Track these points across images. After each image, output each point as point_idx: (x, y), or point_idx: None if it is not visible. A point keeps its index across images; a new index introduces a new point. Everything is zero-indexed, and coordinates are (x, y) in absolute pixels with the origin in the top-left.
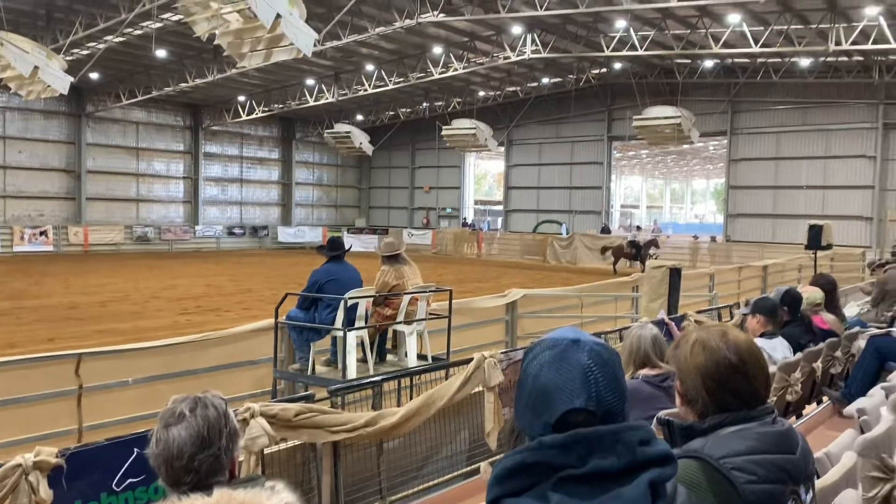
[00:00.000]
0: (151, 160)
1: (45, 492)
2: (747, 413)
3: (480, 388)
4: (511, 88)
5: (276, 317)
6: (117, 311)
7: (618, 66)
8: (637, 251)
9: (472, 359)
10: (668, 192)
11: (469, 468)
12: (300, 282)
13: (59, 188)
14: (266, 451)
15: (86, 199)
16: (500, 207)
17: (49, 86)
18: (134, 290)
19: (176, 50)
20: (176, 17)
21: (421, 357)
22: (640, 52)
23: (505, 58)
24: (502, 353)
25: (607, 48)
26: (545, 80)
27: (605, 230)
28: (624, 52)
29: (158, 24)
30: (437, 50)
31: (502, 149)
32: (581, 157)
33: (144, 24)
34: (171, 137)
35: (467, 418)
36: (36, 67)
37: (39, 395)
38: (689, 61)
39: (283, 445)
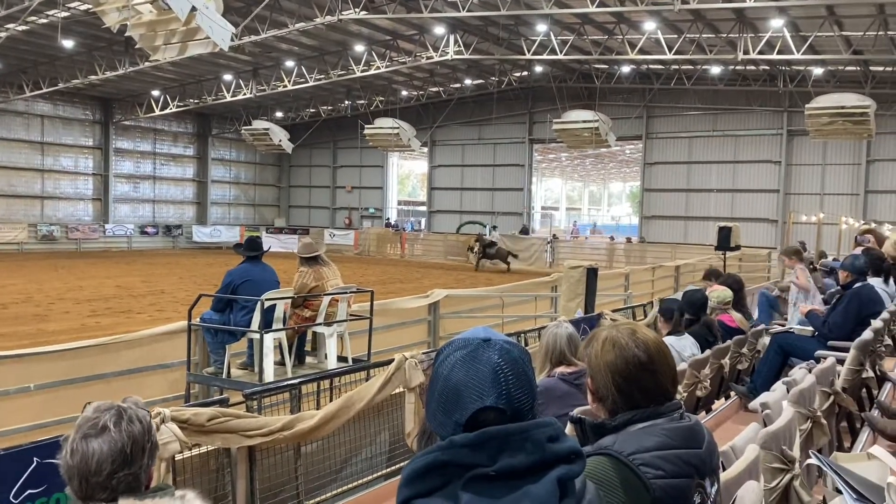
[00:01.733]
0: (58, 155)
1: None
2: (655, 410)
3: (401, 389)
4: (434, 89)
5: (190, 318)
6: (19, 313)
7: (539, 69)
8: (496, 250)
9: (393, 360)
10: (586, 194)
11: (389, 469)
12: (216, 283)
13: None
14: (177, 457)
15: None
16: (424, 208)
17: None
18: (38, 292)
19: (85, 41)
20: (84, 7)
21: (341, 359)
22: (560, 56)
23: (427, 58)
24: (423, 353)
25: (528, 51)
26: (468, 82)
27: (525, 231)
28: (544, 56)
29: (65, 14)
30: (359, 48)
31: (425, 149)
32: (503, 158)
33: (50, 12)
34: (79, 132)
35: (388, 419)
36: None
37: None
38: (606, 67)
39: (195, 451)
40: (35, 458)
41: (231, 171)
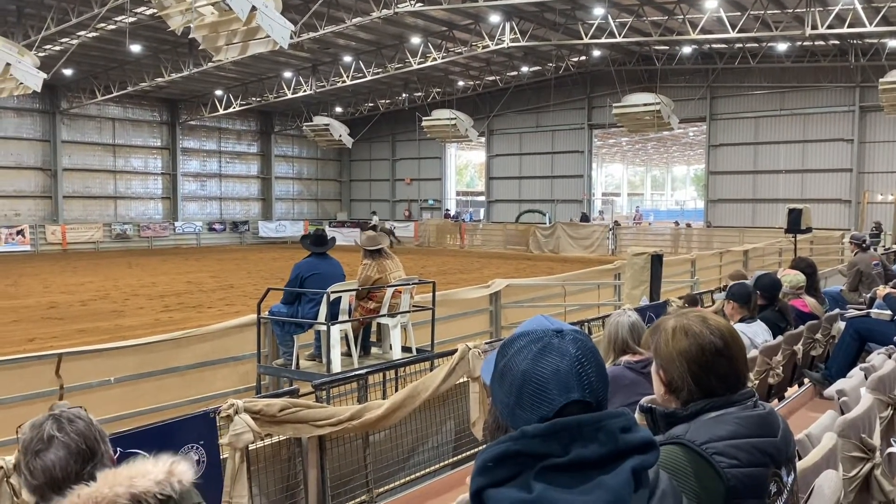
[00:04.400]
0: (129, 157)
1: (27, 495)
2: (729, 398)
3: (465, 379)
4: (490, 78)
5: (259, 312)
6: (98, 309)
7: (597, 53)
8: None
9: (456, 350)
10: (648, 178)
11: (455, 458)
12: (282, 276)
13: (35, 187)
14: (251, 447)
15: (63, 197)
16: (483, 198)
17: (21, 83)
18: (114, 289)
19: (151, 44)
20: (150, 11)
21: (405, 349)
22: (619, 39)
23: (483, 47)
24: (486, 343)
25: (586, 35)
26: (524, 69)
27: (585, 218)
28: (602, 40)
29: (132, 19)
30: (416, 40)
31: (483, 139)
32: (562, 145)
33: (118, 18)
34: (148, 133)
35: (453, 409)
36: (7, 64)
37: (19, 396)
38: (667, 48)
39: (267, 441)
40: (118, 449)
41: (294, 168)
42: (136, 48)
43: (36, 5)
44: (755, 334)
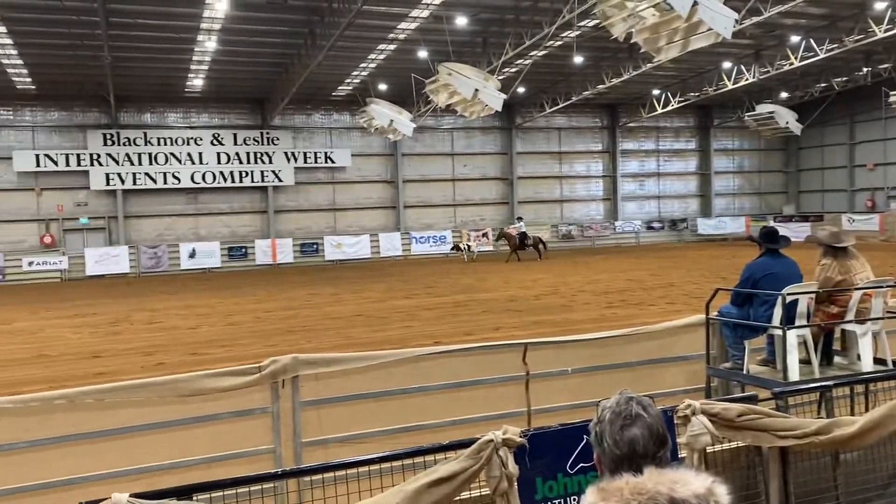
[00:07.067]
0: (572, 162)
1: (512, 466)
2: None
3: None
4: None
5: (707, 312)
6: (549, 304)
7: None
8: (522, 241)
9: None
10: None
11: None
12: (723, 275)
13: (496, 194)
14: (708, 450)
15: (517, 202)
16: None
17: (486, 105)
18: (562, 285)
19: (592, 54)
20: (593, 23)
21: (878, 361)
22: None
23: None
24: None
25: None
26: None
27: None
28: None
29: (577, 33)
30: (880, 5)
31: None
32: None
33: (564, 34)
34: (589, 139)
35: None
36: (476, 90)
37: (495, 378)
38: None
39: (725, 446)
40: (584, 436)
41: (734, 161)
42: (579, 59)
43: (497, 34)
44: None
